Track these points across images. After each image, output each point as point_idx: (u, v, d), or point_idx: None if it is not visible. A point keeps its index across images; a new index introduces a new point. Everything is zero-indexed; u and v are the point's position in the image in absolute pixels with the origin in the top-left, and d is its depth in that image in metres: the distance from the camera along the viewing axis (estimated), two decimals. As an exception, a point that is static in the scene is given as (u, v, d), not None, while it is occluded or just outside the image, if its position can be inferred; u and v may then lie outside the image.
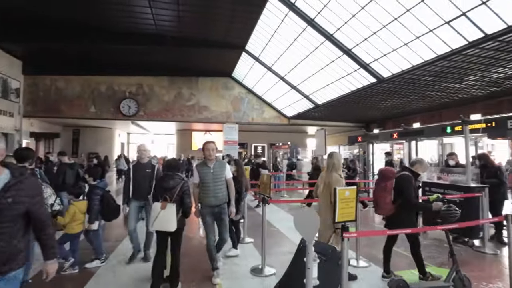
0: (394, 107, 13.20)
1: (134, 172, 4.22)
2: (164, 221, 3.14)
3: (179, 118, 15.57)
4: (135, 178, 4.20)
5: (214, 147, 3.68)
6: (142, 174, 4.22)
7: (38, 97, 14.42)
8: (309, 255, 2.07)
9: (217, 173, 3.66)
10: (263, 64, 13.04)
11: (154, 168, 4.28)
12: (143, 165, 4.31)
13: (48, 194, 3.40)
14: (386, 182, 3.55)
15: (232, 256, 4.35)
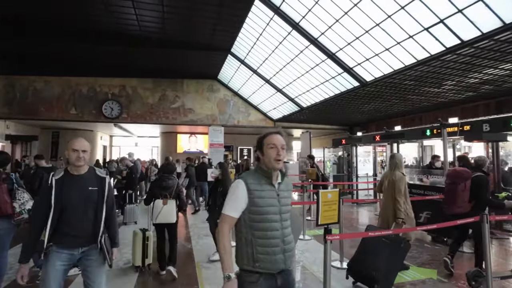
0: (377, 110, 13.51)
1: (59, 191, 2.12)
2: (167, 214, 3.82)
3: (164, 120, 15.34)
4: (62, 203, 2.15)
5: (283, 144, 1.76)
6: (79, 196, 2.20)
7: (15, 98, 13.86)
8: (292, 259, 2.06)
9: (284, 197, 1.79)
10: (248, 67, 13.06)
11: (104, 183, 2.25)
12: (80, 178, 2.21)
13: (25, 199, 3.25)
14: (465, 182, 3.88)
15: (217, 261, 4.29)
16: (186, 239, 5.50)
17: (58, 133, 18.21)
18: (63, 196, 2.10)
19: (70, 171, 2.18)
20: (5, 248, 3.28)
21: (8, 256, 3.37)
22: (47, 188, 2.13)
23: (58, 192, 2.09)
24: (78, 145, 2.17)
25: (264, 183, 1.69)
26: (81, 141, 2.22)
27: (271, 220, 1.66)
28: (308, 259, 4.44)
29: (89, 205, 2.16)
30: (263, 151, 1.73)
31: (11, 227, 3.25)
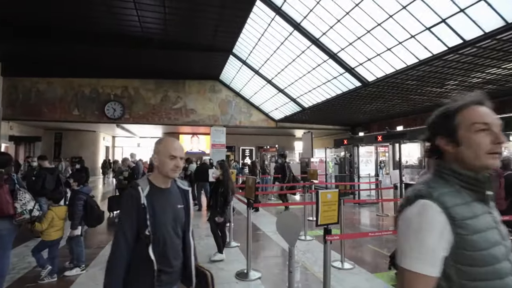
0: (378, 110, 13.48)
1: (152, 213, 1.71)
2: None
3: (166, 121, 15.39)
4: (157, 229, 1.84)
5: None
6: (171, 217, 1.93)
7: (18, 99, 13.97)
8: (291, 259, 2.07)
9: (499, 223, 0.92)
10: (250, 68, 13.07)
11: (188, 198, 1.80)
12: (169, 193, 1.85)
13: (26, 199, 3.27)
14: (499, 180, 4.00)
15: (218, 261, 4.30)
16: (188, 240, 5.52)
17: (61, 134, 18.33)
18: (156, 220, 1.53)
19: (156, 184, 1.59)
20: (8, 248, 3.30)
21: (10, 257, 3.39)
22: (136, 209, 1.50)
23: (151, 214, 1.51)
24: (178, 151, 1.61)
25: (472, 201, 0.88)
26: (179, 146, 1.65)
27: (503, 274, 0.83)
28: (309, 260, 4.43)
29: (179, 229, 1.65)
30: (458, 137, 0.92)
31: (13, 227, 3.27)
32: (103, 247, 5.01)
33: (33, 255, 3.66)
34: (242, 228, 6.14)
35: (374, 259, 4.57)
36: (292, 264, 2.07)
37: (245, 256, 4.53)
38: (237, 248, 4.99)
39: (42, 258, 3.70)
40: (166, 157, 1.57)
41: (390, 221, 7.12)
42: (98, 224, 4.04)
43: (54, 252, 3.76)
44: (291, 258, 2.07)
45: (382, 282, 3.68)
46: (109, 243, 5.22)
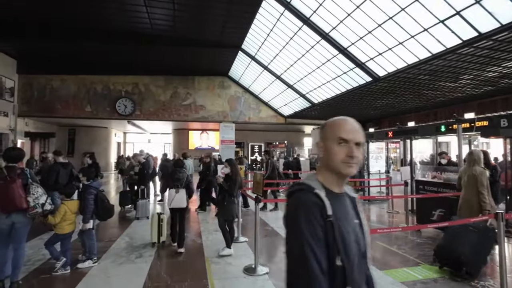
0: (389, 106, 13.25)
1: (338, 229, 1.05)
2: (179, 201, 4.52)
3: (176, 117, 15.53)
4: None
5: None
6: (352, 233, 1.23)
7: (33, 96, 14.33)
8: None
9: None
10: (259, 63, 13.02)
11: (358, 209, 1.16)
12: (344, 200, 1.17)
13: (39, 193, 3.36)
14: None
15: (226, 256, 4.33)
16: (197, 234, 5.56)
17: (74, 130, 18.72)
18: (345, 242, 1.00)
19: (328, 187, 1.07)
20: (22, 241, 3.40)
21: (25, 248, 3.49)
22: (323, 225, 0.98)
23: (337, 230, 0.99)
24: (351, 133, 1.07)
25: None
26: (355, 127, 1.10)
27: None
28: (317, 256, 4.41)
29: (361, 255, 1.09)
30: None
31: (27, 220, 3.36)
32: (114, 240, 5.11)
33: (47, 248, 3.76)
34: (250, 223, 6.17)
35: (383, 256, 4.52)
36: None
37: (253, 251, 4.55)
38: (245, 243, 5.00)
39: (56, 250, 3.79)
40: (333, 142, 1.07)
41: (400, 218, 7.02)
42: (108, 217, 4.13)
43: (67, 245, 3.85)
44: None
45: (392, 280, 3.64)
46: (120, 236, 5.33)
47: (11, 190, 3.17)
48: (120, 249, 4.67)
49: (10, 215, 3.27)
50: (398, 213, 7.40)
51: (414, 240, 5.19)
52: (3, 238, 3.36)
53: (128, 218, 6.78)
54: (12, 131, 13.75)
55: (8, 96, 13.57)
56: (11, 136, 13.74)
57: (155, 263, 4.11)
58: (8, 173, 3.26)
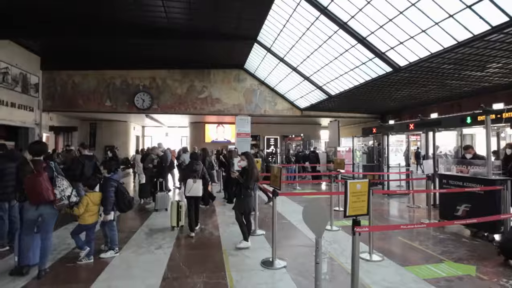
0: (410, 97, 12.78)
1: None
2: (196, 190, 5.00)
3: (192, 111, 15.65)
4: None
5: None
6: None
7: (56, 92, 14.80)
8: (319, 250, 2.01)
9: None
10: (275, 55, 12.84)
11: None
12: None
13: (64, 186, 3.46)
14: None
15: (243, 248, 4.34)
16: (214, 227, 5.61)
17: (95, 124, 19.27)
18: None
19: None
20: (49, 231, 3.53)
21: (52, 238, 3.62)
22: None
23: None
24: None
25: None
26: None
27: None
28: (336, 250, 4.35)
29: None
30: None
31: (54, 212, 3.48)
32: (135, 231, 5.24)
33: (72, 237, 3.91)
34: (267, 216, 6.16)
35: (405, 252, 4.40)
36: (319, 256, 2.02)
37: (271, 244, 4.54)
38: (263, 236, 5.00)
39: (80, 240, 3.93)
40: None
41: (422, 213, 6.81)
42: (128, 209, 4.22)
43: (90, 235, 3.98)
44: (318, 250, 2.01)
45: (414, 276, 3.53)
46: (140, 228, 5.46)
47: (39, 183, 3.28)
48: (140, 240, 4.79)
49: (39, 207, 3.40)
50: (419, 208, 7.18)
51: (436, 236, 5.02)
52: (30, 227, 3.51)
53: (147, 210, 6.94)
54: (38, 125, 14.31)
55: (33, 91, 14.08)
56: (37, 130, 14.30)
57: (174, 254, 4.18)
58: (35, 167, 3.38)
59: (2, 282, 3.34)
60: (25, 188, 3.29)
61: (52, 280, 3.42)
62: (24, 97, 13.43)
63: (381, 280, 3.43)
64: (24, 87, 13.47)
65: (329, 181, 6.06)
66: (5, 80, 12.34)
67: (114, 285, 3.30)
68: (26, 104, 13.53)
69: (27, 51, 13.47)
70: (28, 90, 13.75)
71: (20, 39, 12.49)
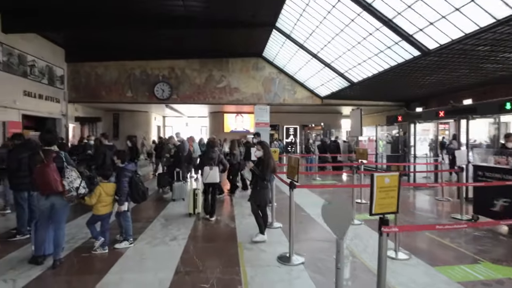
0: (439, 83, 11.89)
1: None
2: (213, 177, 5.19)
3: (211, 100, 15.51)
4: None
5: None
6: None
7: (80, 83, 15.12)
8: (340, 253, 1.73)
9: None
10: (294, 42, 12.33)
11: None
12: None
13: (73, 177, 3.36)
14: None
15: (259, 242, 4.13)
16: (230, 218, 5.44)
17: (118, 114, 19.66)
18: None
19: None
20: (62, 221, 3.47)
21: (65, 228, 3.57)
22: None
23: None
24: None
25: None
26: None
27: None
28: (357, 247, 4.04)
29: None
30: None
31: (65, 202, 3.41)
32: (151, 221, 5.17)
33: (88, 227, 3.86)
34: (284, 208, 5.90)
35: (434, 250, 4.01)
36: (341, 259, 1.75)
37: (288, 238, 4.30)
38: (280, 229, 4.77)
39: (95, 230, 3.87)
40: None
41: (452, 207, 6.30)
42: (142, 200, 4.10)
43: (105, 225, 3.91)
44: (339, 253, 1.74)
45: (446, 278, 3.17)
46: (156, 218, 5.39)
47: (46, 173, 3.20)
48: (155, 231, 4.70)
49: (49, 197, 3.33)
50: (449, 201, 6.66)
51: (470, 233, 4.57)
52: (45, 218, 3.46)
53: (165, 199, 6.90)
54: (64, 116, 14.74)
55: (59, 83, 14.46)
56: (63, 121, 14.74)
57: (188, 247, 4.04)
58: (45, 157, 3.29)
59: (21, 270, 3.34)
60: (35, 177, 3.22)
61: (66, 270, 3.38)
62: (50, 89, 13.81)
63: (408, 281, 3.11)
64: (50, 79, 13.84)
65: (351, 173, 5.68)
66: (32, 73, 12.70)
67: (126, 277, 3.20)
68: (52, 95, 13.92)
69: (52, 44, 13.76)
70: (54, 82, 14.11)
71: (46, 32, 12.74)
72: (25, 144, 4.28)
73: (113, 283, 3.08)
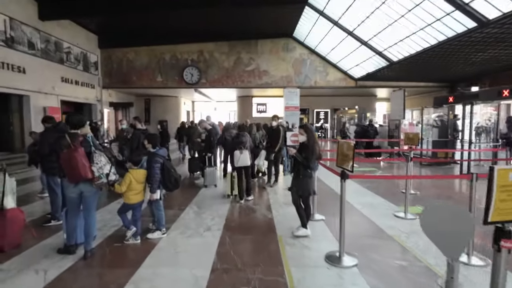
0: (493, 59, 10.45)
1: None
2: (244, 160, 5.12)
3: (239, 84, 15.00)
4: None
5: None
6: None
7: (113, 69, 15.19)
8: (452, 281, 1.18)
9: None
10: (328, 19, 11.33)
11: None
12: None
13: (102, 163, 3.02)
14: None
15: (301, 237, 3.65)
16: (267, 208, 4.99)
17: (149, 99, 19.79)
18: None
19: None
20: (92, 209, 3.18)
21: (95, 216, 3.30)
22: None
23: None
24: None
25: None
26: None
27: None
28: (417, 246, 3.42)
29: None
30: None
31: (95, 189, 3.11)
32: (183, 209, 4.86)
33: (119, 215, 3.57)
34: (326, 198, 5.35)
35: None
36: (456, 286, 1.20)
37: (333, 232, 3.77)
38: (322, 222, 4.24)
39: (127, 219, 3.58)
40: None
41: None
42: (175, 188, 3.72)
43: (137, 214, 3.60)
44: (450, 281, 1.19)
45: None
46: (189, 205, 5.07)
47: (74, 159, 2.87)
48: (188, 220, 4.37)
49: (78, 184, 3.04)
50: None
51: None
52: (74, 206, 3.19)
53: (196, 185, 6.60)
54: (99, 101, 14.97)
55: (93, 69, 14.60)
56: (99, 106, 14.99)
57: (224, 238, 3.65)
58: (71, 141, 2.97)
59: (52, 260, 3.12)
60: (62, 163, 2.92)
61: (98, 261, 3.11)
62: (86, 75, 13.98)
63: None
64: (85, 66, 13.98)
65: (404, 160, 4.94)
66: (68, 59, 12.83)
67: (160, 272, 2.87)
68: (88, 81, 14.09)
69: (86, 30, 13.80)
70: (89, 68, 14.25)
71: (80, 19, 12.74)
72: (55, 127, 4.04)
73: (147, 279, 2.76)
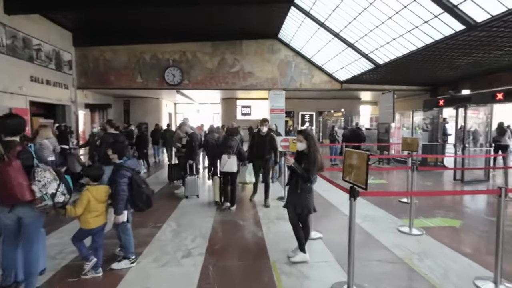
0: (477, 63, 10.36)
1: None
2: (230, 166, 4.73)
3: (223, 86, 14.29)
4: None
5: None
6: None
7: (89, 68, 14.07)
8: None
9: None
10: (314, 20, 10.90)
11: None
12: None
13: (46, 179, 2.25)
14: None
15: (299, 263, 3.03)
16: (256, 223, 4.33)
17: (128, 101, 18.67)
18: None
19: None
20: (33, 240, 2.40)
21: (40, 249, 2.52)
22: None
23: None
24: None
25: None
26: None
27: None
28: (433, 271, 2.88)
29: None
30: None
31: (37, 214, 2.36)
32: (160, 227, 4.11)
33: (74, 244, 2.79)
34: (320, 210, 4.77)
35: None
36: None
37: (335, 255, 3.18)
38: (320, 240, 3.64)
39: (85, 248, 2.81)
40: None
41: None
42: (147, 207, 2.99)
43: (98, 241, 2.85)
44: None
45: None
46: (166, 222, 4.34)
47: (7, 176, 2.12)
48: (165, 241, 3.64)
49: (14, 208, 2.28)
50: (512, 200, 5.41)
51: None
52: (11, 235, 2.40)
53: (176, 195, 5.85)
54: (73, 103, 13.80)
55: (67, 69, 13.43)
56: (73, 107, 13.82)
57: (207, 268, 2.96)
58: (5, 151, 2.22)
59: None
60: (-11, 182, 2.15)
61: (43, 307, 2.37)
62: (58, 74, 12.82)
63: None
64: (58, 64, 12.81)
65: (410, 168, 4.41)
66: (38, 57, 11.67)
67: (123, 322, 2.17)
68: (61, 81, 12.93)
69: (59, 27, 12.67)
70: (62, 67, 13.09)
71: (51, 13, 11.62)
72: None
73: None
